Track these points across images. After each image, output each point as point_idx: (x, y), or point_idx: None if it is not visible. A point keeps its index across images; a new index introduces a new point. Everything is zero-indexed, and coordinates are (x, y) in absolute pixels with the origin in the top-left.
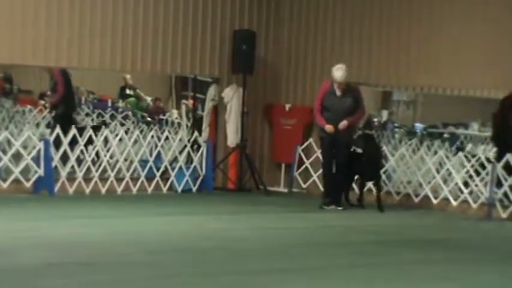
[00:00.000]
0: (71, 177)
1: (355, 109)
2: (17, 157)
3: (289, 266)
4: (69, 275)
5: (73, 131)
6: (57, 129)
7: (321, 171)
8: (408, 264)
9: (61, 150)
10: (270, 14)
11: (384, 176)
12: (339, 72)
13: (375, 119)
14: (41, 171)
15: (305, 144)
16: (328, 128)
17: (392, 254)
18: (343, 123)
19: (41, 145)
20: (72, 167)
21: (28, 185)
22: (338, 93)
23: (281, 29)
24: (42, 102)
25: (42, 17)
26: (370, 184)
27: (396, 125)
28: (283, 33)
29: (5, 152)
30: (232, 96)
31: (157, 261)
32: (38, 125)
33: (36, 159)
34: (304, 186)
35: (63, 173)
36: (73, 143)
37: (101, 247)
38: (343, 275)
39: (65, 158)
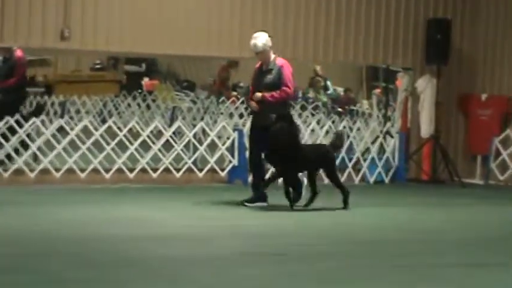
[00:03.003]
0: None
1: (278, 87)
2: (212, 147)
3: (486, 260)
4: (264, 264)
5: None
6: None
7: None
8: None
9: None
10: (466, 1)
11: None
12: (253, 40)
13: None
14: (235, 161)
15: (502, 135)
16: (251, 105)
17: None
18: (256, 95)
19: (235, 135)
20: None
21: (223, 174)
22: (263, 68)
23: (478, 17)
24: (234, 93)
25: (213, 9)
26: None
27: None
28: (480, 20)
29: (200, 142)
30: (425, 86)
31: (347, 252)
32: (231, 115)
33: (230, 149)
34: (501, 178)
35: None
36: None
37: (293, 237)
38: None
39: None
